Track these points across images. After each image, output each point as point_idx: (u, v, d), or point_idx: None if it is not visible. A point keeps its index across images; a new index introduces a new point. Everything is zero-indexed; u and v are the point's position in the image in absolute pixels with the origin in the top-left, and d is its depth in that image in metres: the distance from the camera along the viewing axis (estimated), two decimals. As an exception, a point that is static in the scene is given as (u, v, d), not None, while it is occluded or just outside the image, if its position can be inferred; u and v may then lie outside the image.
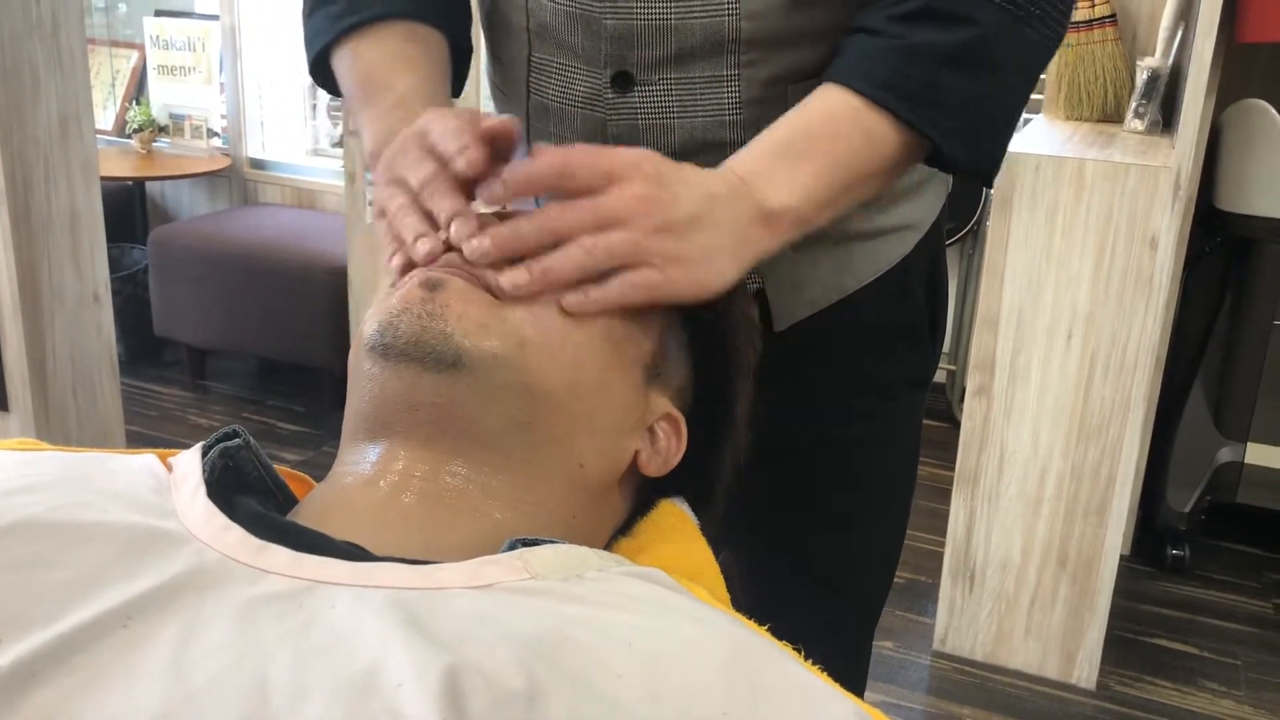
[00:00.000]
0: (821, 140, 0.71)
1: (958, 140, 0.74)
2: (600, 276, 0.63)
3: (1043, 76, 2.74)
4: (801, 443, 0.92)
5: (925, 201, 0.93)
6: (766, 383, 0.78)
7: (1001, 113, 0.78)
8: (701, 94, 0.81)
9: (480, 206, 0.66)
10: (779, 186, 0.69)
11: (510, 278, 0.62)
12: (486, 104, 3.10)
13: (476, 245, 0.63)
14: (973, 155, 0.76)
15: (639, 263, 0.63)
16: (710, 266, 0.66)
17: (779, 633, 0.57)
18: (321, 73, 0.88)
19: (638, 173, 0.64)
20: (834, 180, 0.71)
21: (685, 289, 0.65)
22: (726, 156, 0.82)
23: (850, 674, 1.03)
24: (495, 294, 0.62)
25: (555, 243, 0.63)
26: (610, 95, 0.83)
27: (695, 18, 0.79)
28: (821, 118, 0.73)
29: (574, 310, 0.63)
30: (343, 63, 0.85)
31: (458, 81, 0.90)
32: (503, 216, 0.67)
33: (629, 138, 0.83)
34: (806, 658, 0.55)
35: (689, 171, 0.67)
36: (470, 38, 0.92)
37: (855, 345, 0.92)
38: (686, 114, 0.82)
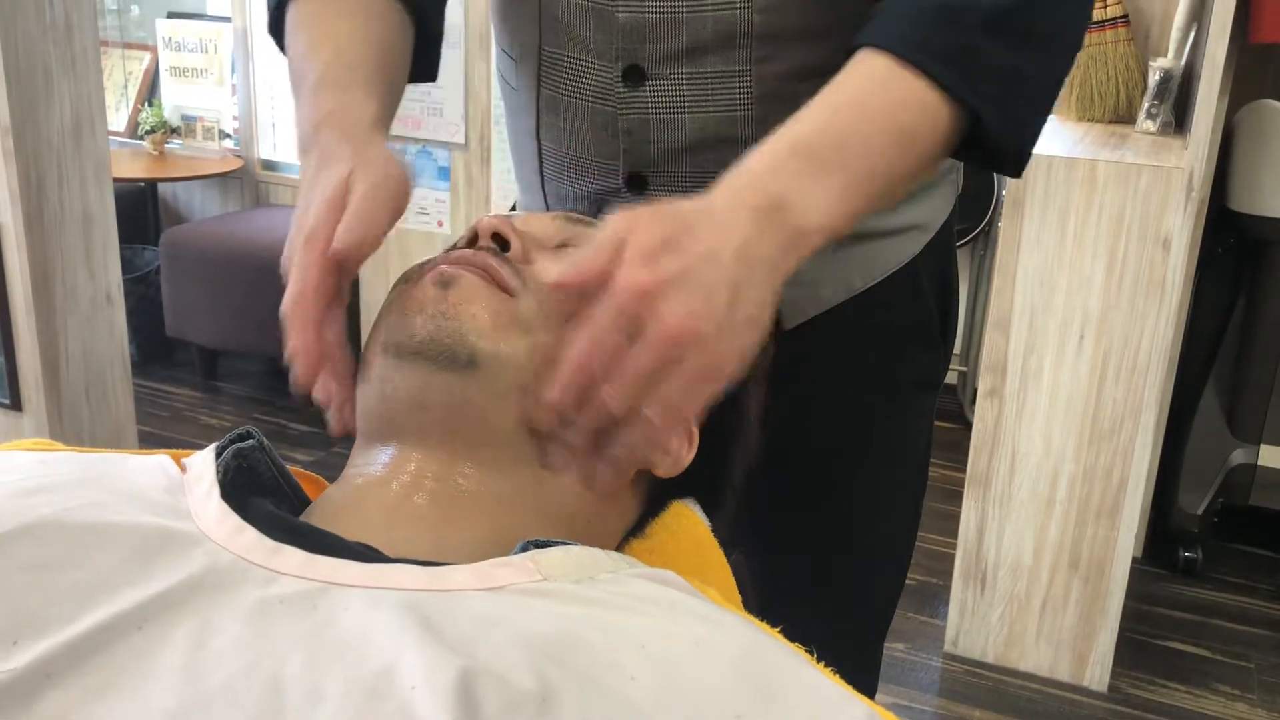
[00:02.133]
0: (856, 146, 0.66)
1: (997, 113, 0.69)
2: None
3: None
4: (812, 444, 0.91)
5: (935, 202, 0.92)
6: (778, 384, 0.78)
7: (1042, 88, 0.74)
8: (713, 89, 0.81)
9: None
10: (815, 207, 0.63)
11: (601, 484, 0.61)
12: (496, 101, 3.08)
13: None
14: (1011, 132, 0.71)
15: (701, 384, 0.59)
16: (754, 335, 0.61)
17: (790, 635, 0.56)
18: (278, 31, 0.85)
19: (659, 286, 0.56)
20: (869, 191, 0.66)
21: (734, 373, 0.60)
22: (737, 151, 0.77)
23: (862, 676, 1.02)
24: (508, 290, 0.62)
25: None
26: (621, 89, 0.83)
27: (707, 11, 0.78)
28: (852, 112, 0.67)
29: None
30: (288, 26, 0.82)
31: (421, 64, 0.85)
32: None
33: (639, 131, 0.83)
34: (818, 660, 0.55)
35: (713, 225, 0.59)
36: (441, 22, 0.87)
37: (866, 346, 0.92)
38: (698, 108, 0.82)
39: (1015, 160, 0.74)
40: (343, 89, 0.73)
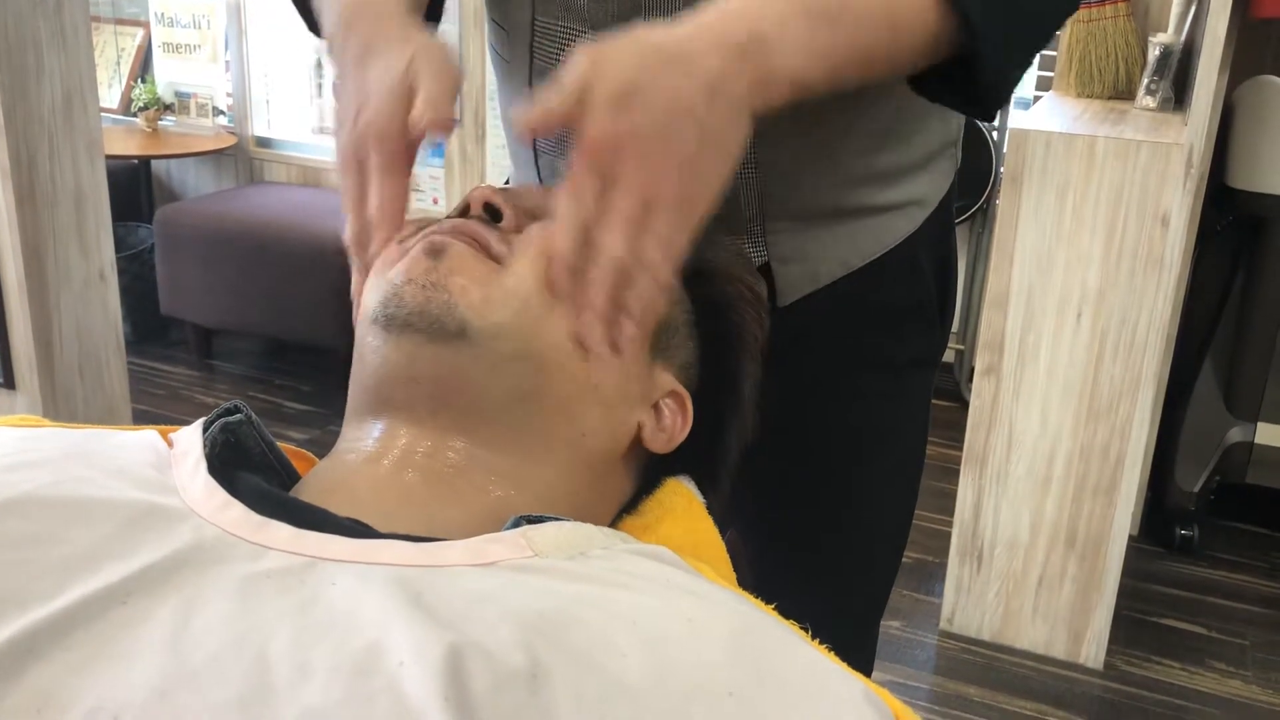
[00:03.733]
0: (848, 11, 0.65)
1: (994, 25, 0.68)
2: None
3: (1053, 53, 2.72)
4: (809, 422, 0.91)
5: (933, 178, 0.91)
6: (775, 362, 0.77)
7: (1036, 26, 0.73)
8: None
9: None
10: (794, 51, 0.63)
11: (625, 348, 0.62)
12: (491, 77, 3.06)
13: (596, 345, 0.61)
14: (1002, 51, 0.70)
15: (684, 217, 0.61)
16: (730, 160, 0.62)
17: (786, 612, 0.56)
18: None
19: (627, 134, 0.58)
20: (849, 54, 0.66)
21: (715, 199, 0.62)
22: None
23: (858, 654, 1.02)
24: (497, 258, 0.62)
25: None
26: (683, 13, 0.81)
27: None
28: None
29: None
30: None
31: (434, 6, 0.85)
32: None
33: None
34: (814, 638, 0.54)
35: (681, 67, 0.60)
36: None
37: (864, 324, 0.91)
38: None
39: (992, 97, 0.73)
40: None
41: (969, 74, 0.69)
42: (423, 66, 0.64)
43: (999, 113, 3.18)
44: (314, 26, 0.86)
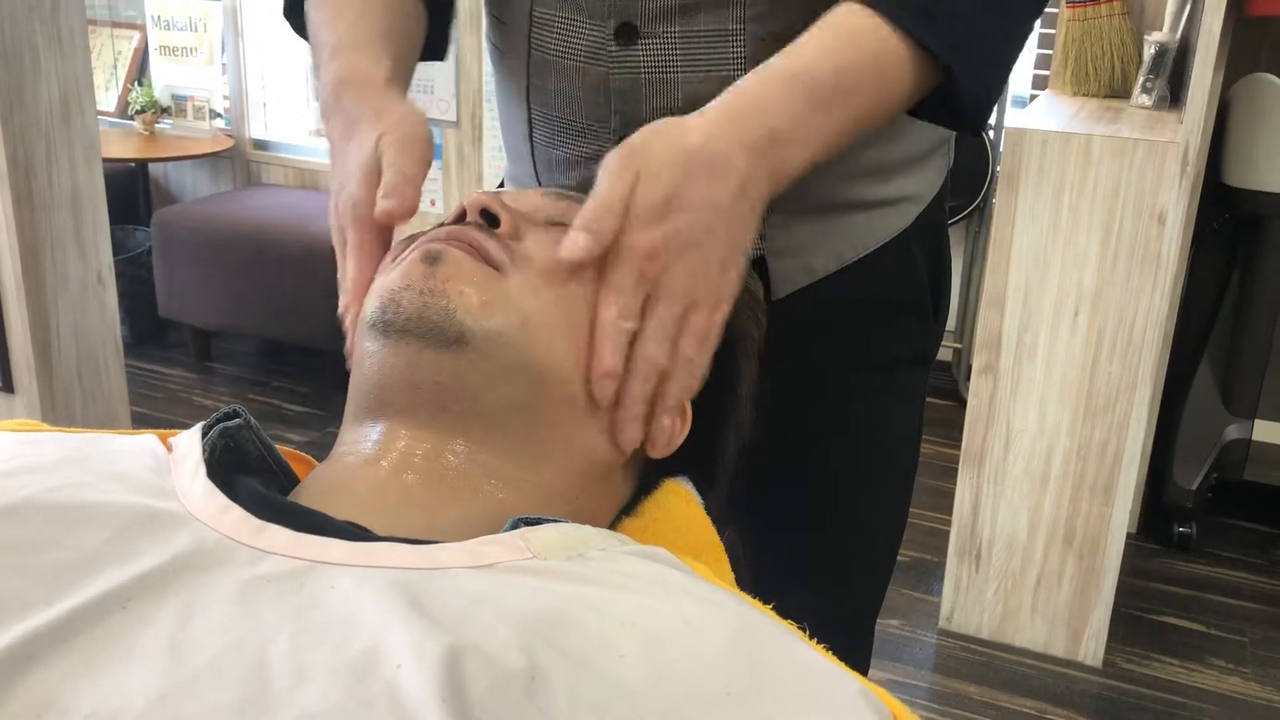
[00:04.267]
0: (844, 87, 0.69)
1: (968, 63, 0.72)
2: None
3: (1049, 52, 2.72)
4: (805, 420, 0.91)
5: (926, 175, 0.92)
6: (770, 360, 0.77)
7: (1005, 46, 0.77)
8: (706, 48, 0.80)
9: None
10: (802, 143, 0.67)
11: (661, 452, 0.65)
12: (488, 78, 3.06)
13: (633, 441, 0.64)
14: (976, 89, 0.74)
15: (715, 310, 0.64)
16: (747, 251, 0.66)
17: (783, 611, 0.56)
18: (295, 13, 0.88)
19: (670, 244, 0.61)
20: (850, 128, 0.70)
21: (738, 288, 0.66)
22: None
23: (855, 653, 1.02)
24: (496, 266, 0.62)
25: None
26: (613, 48, 0.82)
27: None
28: (847, 53, 0.70)
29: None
30: (307, 5, 0.85)
31: (435, 37, 0.89)
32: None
33: (631, 92, 0.82)
34: (811, 636, 0.54)
35: (712, 171, 0.63)
36: (452, 4, 0.91)
37: (859, 321, 0.91)
38: (690, 69, 0.81)
39: (974, 117, 0.76)
40: (357, 50, 0.76)
41: (951, 101, 0.73)
42: (387, 147, 0.68)
43: (996, 109, 3.18)
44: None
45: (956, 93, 0.73)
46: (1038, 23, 0.82)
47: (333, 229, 0.71)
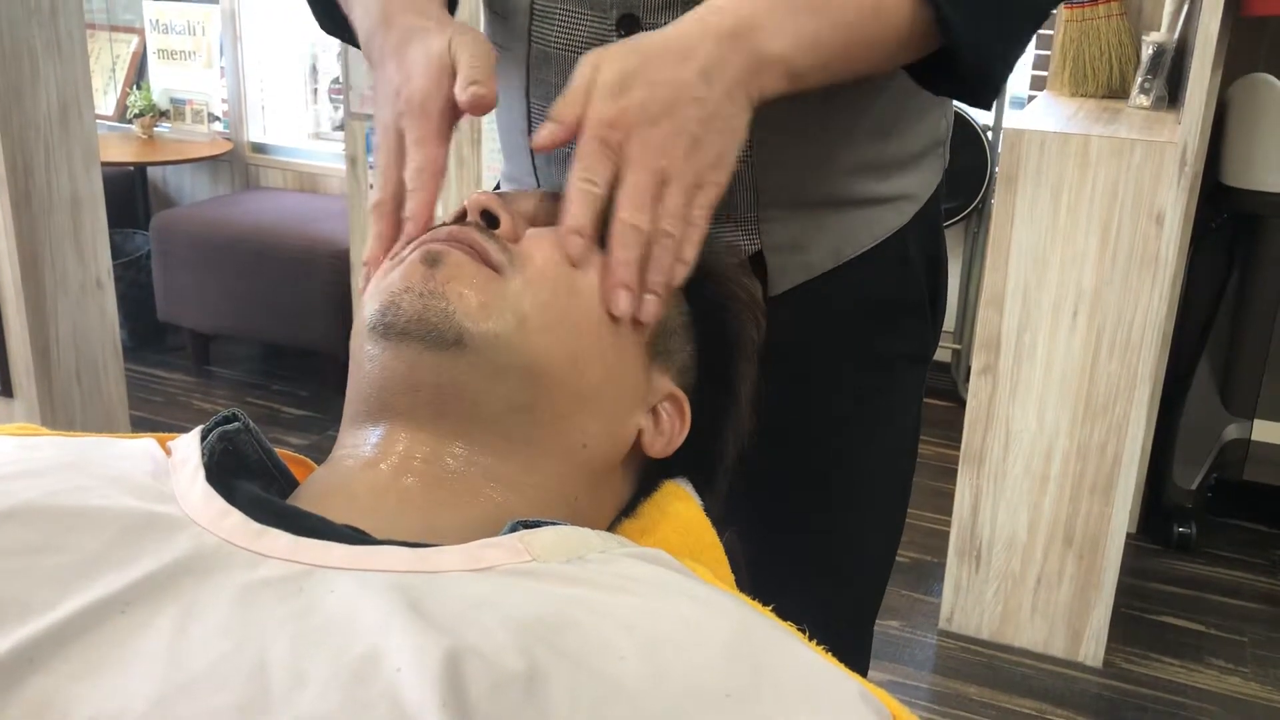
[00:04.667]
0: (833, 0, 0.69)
1: (967, 18, 0.71)
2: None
3: (1047, 53, 2.72)
4: (804, 419, 0.91)
5: (923, 174, 0.92)
6: (769, 359, 0.77)
7: (1015, 11, 0.76)
8: None
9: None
10: (781, 34, 0.66)
11: (647, 316, 0.65)
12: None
13: (622, 312, 0.64)
14: (979, 44, 0.73)
15: (694, 190, 0.64)
16: (735, 139, 0.66)
17: (783, 613, 0.56)
18: None
19: (627, 115, 0.62)
20: (835, 38, 0.69)
21: (727, 179, 0.66)
22: None
23: (854, 654, 1.02)
24: (495, 267, 0.62)
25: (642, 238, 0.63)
26: (615, 39, 0.81)
27: None
28: None
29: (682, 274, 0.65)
30: None
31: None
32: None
33: None
34: (810, 638, 0.54)
35: (675, 53, 0.64)
36: None
37: (857, 320, 0.91)
38: None
39: (980, 83, 0.76)
40: None
41: (951, 63, 0.73)
42: (461, 46, 0.67)
43: (995, 109, 3.19)
44: (331, 25, 0.88)
45: (954, 51, 0.72)
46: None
47: (384, 131, 0.69)
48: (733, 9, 0.66)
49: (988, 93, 0.77)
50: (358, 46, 0.87)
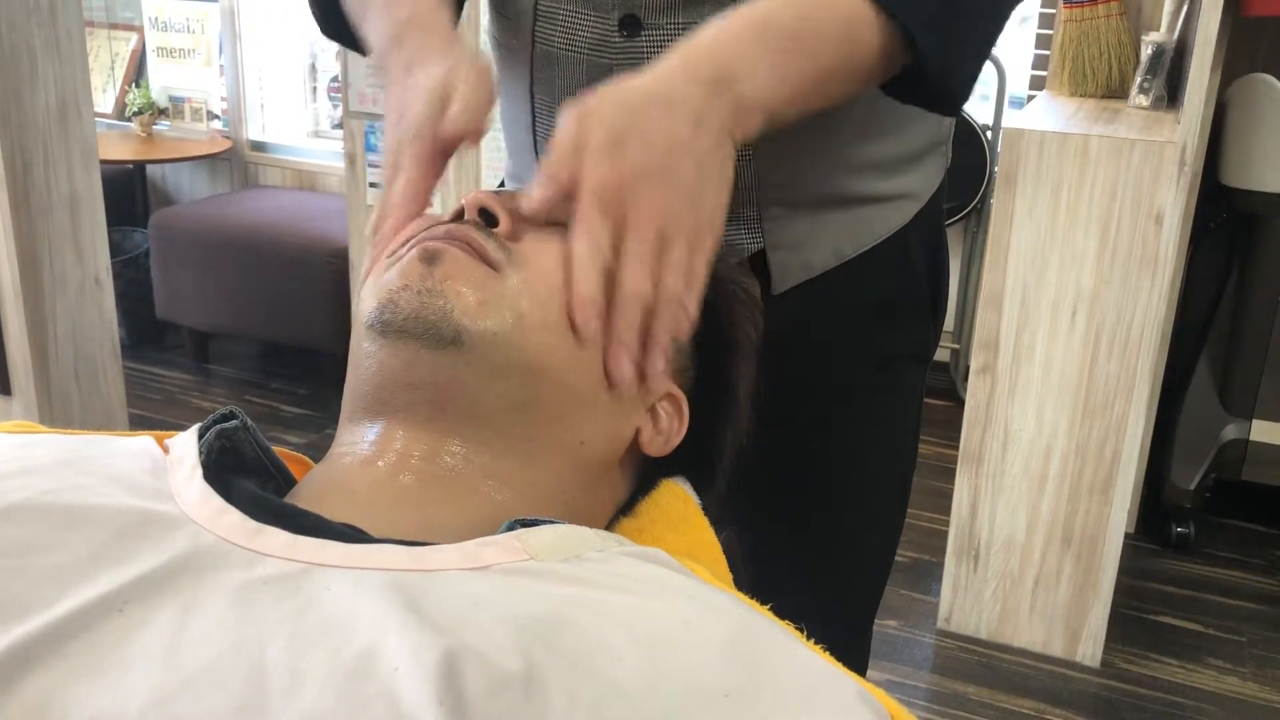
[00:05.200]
0: (806, 35, 0.69)
1: (935, 36, 0.72)
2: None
3: (1046, 53, 2.72)
4: (804, 417, 0.91)
5: (924, 172, 0.92)
6: (769, 356, 0.78)
7: (978, 24, 0.76)
8: None
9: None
10: (760, 83, 0.67)
11: (654, 384, 0.64)
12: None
13: (626, 379, 0.63)
14: (946, 59, 0.74)
15: (696, 248, 0.64)
16: (727, 184, 0.66)
17: (781, 611, 0.56)
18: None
19: (626, 177, 0.61)
20: (810, 74, 0.70)
21: (723, 225, 0.66)
22: None
23: (853, 653, 1.02)
24: (493, 265, 0.62)
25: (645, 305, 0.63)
26: (618, 40, 0.82)
27: None
28: (813, 6, 0.70)
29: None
30: None
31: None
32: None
33: None
34: (809, 636, 0.54)
35: (665, 104, 0.64)
36: None
37: (858, 318, 0.91)
38: None
39: (945, 96, 0.76)
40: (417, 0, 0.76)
41: (922, 78, 0.73)
42: (460, 77, 0.68)
43: (995, 109, 3.19)
44: (331, 30, 0.89)
45: (925, 66, 0.73)
46: (1035, 23, 0.82)
47: (387, 155, 0.70)
48: (708, 55, 0.66)
49: (952, 101, 0.77)
50: (361, 53, 0.89)
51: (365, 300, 0.63)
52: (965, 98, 0.78)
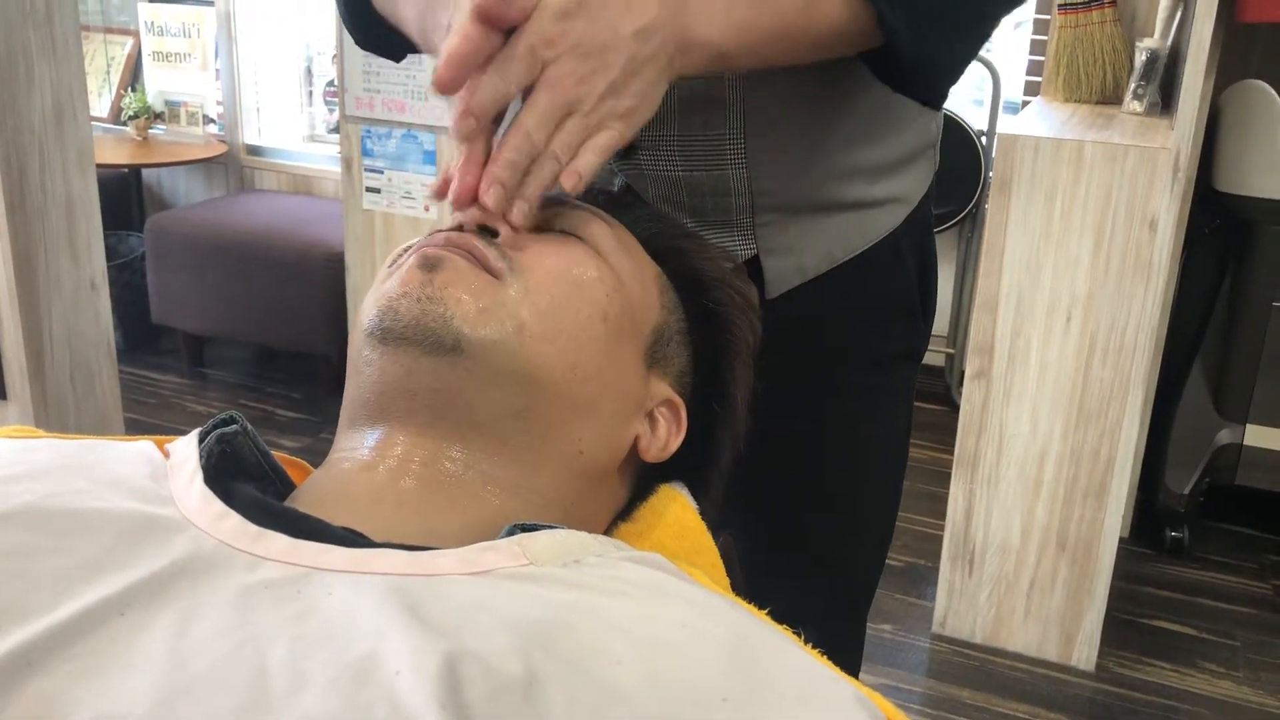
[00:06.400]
0: None
1: (906, 15, 0.73)
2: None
3: (1040, 59, 2.72)
4: (797, 418, 0.92)
5: (914, 178, 0.93)
6: (764, 359, 0.78)
7: (955, 8, 0.77)
8: None
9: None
10: (708, 19, 0.68)
11: (514, 218, 0.64)
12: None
13: (490, 205, 0.64)
14: (916, 41, 0.74)
15: (595, 128, 0.65)
16: (648, 103, 0.67)
17: (776, 613, 0.56)
18: None
19: (565, 39, 0.63)
20: (764, 25, 0.71)
21: (633, 133, 0.67)
22: (725, 113, 0.82)
23: (847, 654, 1.03)
24: (494, 273, 0.62)
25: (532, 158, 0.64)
26: None
27: None
28: None
29: (570, 189, 0.64)
30: None
31: None
32: None
33: None
34: (803, 635, 0.55)
35: (621, 7, 0.65)
36: None
37: (850, 319, 0.92)
38: None
39: (920, 77, 0.77)
40: None
41: (895, 56, 0.74)
42: None
43: (989, 114, 3.20)
44: (367, 39, 0.89)
45: (895, 41, 0.74)
46: (1030, 28, 0.82)
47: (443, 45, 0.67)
48: None
49: (929, 87, 0.79)
50: (396, 59, 0.91)
51: (366, 308, 0.63)
52: (944, 85, 0.79)
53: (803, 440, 0.94)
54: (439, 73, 0.65)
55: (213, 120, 3.84)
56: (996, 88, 3.17)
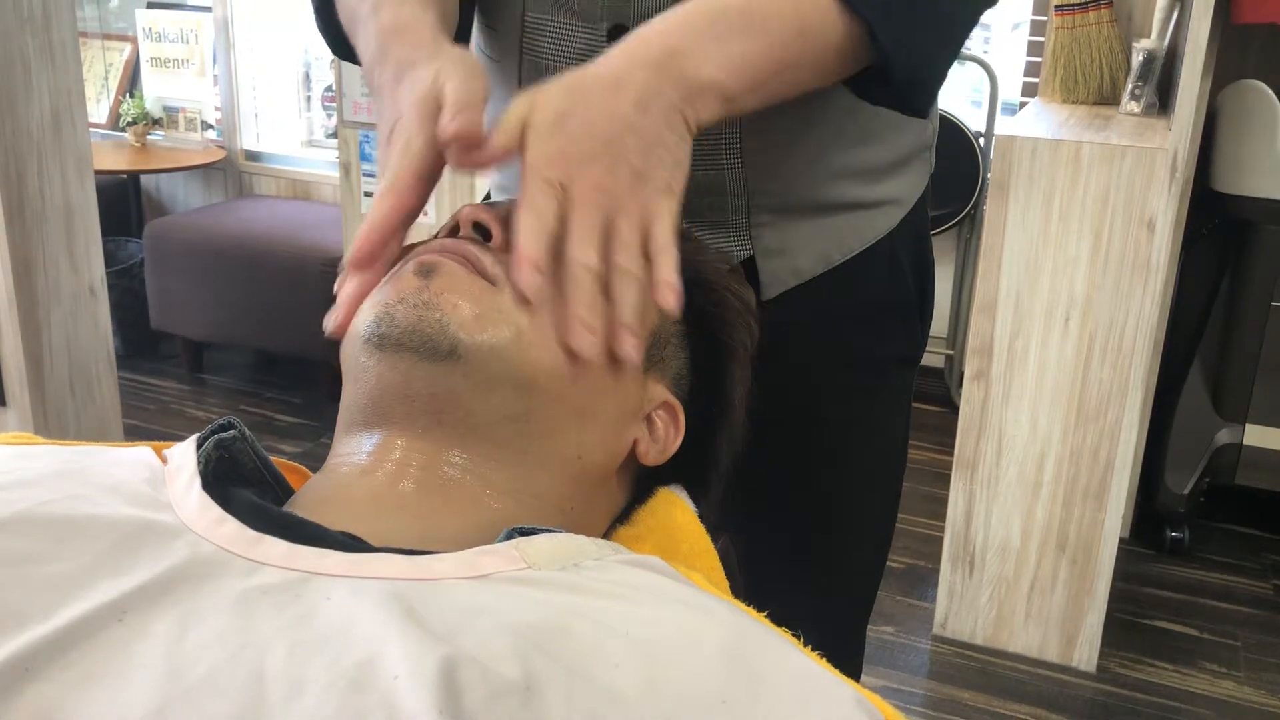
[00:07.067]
0: (755, 14, 0.69)
1: (893, 27, 0.71)
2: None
3: (1038, 60, 2.73)
4: (796, 421, 0.92)
5: (910, 179, 0.93)
6: (761, 362, 0.78)
7: (942, 19, 0.76)
8: None
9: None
10: (708, 60, 0.66)
11: (629, 354, 0.62)
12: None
13: (593, 356, 0.61)
14: (912, 57, 0.73)
15: (648, 217, 0.63)
16: (681, 166, 0.65)
17: (776, 616, 0.56)
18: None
19: (569, 151, 0.61)
20: (765, 59, 0.69)
21: (678, 204, 0.65)
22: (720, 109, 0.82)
23: (847, 657, 1.03)
24: (490, 279, 0.62)
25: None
26: (606, 50, 0.82)
27: None
28: None
29: (675, 307, 0.63)
30: None
31: (465, 19, 0.87)
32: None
33: None
34: (803, 638, 0.55)
35: (607, 87, 0.63)
36: None
37: (847, 322, 0.92)
38: None
39: (913, 94, 0.76)
40: (402, 3, 0.73)
41: (885, 76, 0.73)
42: (448, 77, 0.65)
43: (987, 116, 3.20)
44: (341, 49, 0.88)
45: (892, 59, 0.72)
46: (1027, 30, 0.82)
47: (380, 167, 0.67)
48: (658, 38, 0.66)
49: (919, 101, 0.77)
50: None
51: (362, 314, 0.63)
52: (932, 96, 0.78)
53: (800, 443, 0.94)
54: (359, 247, 0.63)
55: (211, 126, 3.85)
56: (994, 89, 3.17)
